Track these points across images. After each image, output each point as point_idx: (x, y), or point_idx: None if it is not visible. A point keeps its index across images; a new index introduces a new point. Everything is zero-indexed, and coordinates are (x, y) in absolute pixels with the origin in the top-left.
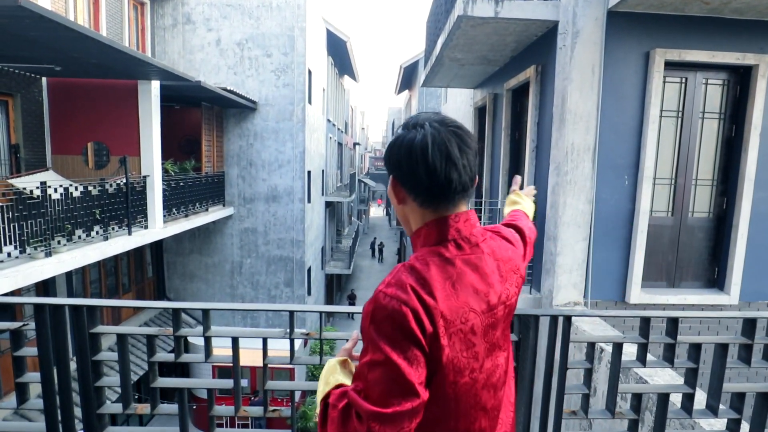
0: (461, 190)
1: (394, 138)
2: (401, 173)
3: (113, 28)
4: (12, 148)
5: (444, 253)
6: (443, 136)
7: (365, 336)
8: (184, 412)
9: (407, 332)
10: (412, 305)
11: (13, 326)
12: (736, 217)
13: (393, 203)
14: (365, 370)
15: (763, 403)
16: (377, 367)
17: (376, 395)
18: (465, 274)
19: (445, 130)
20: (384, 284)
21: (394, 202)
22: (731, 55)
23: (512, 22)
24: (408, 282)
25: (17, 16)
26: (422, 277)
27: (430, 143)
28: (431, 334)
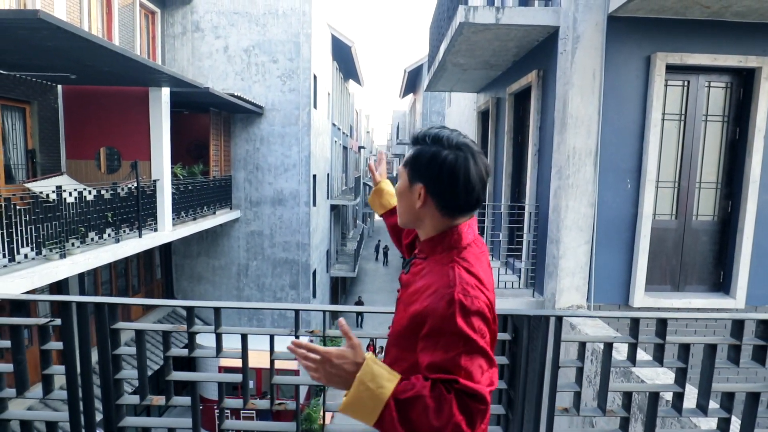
0: (479, 205)
1: (432, 152)
2: (437, 186)
3: (125, 36)
4: (29, 153)
5: (473, 252)
6: (480, 162)
7: (450, 331)
8: (196, 403)
9: (488, 323)
10: (485, 302)
11: (40, 322)
12: (742, 220)
13: (409, 202)
14: (462, 360)
15: (753, 402)
16: (475, 355)
17: (479, 378)
18: (486, 267)
19: (479, 156)
20: (458, 288)
21: (413, 202)
22: (733, 58)
23: (513, 28)
24: (473, 283)
25: (36, 28)
26: (479, 278)
27: (473, 168)
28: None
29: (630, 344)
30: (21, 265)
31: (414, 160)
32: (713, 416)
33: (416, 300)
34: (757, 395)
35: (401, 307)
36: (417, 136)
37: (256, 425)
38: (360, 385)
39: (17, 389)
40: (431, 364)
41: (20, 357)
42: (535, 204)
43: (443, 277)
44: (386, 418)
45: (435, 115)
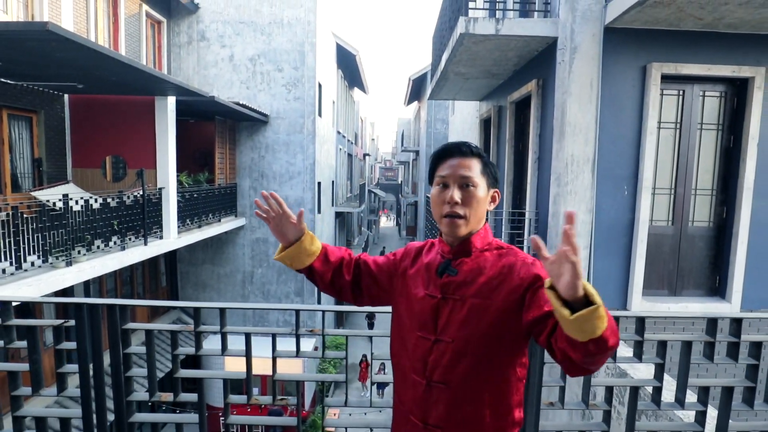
0: None
1: (493, 164)
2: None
3: (132, 46)
4: (35, 161)
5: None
6: None
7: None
8: (202, 400)
9: None
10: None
11: (55, 323)
12: (736, 225)
13: (485, 207)
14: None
15: (728, 396)
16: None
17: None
18: None
19: None
20: (530, 258)
21: (486, 206)
22: (727, 68)
23: (513, 39)
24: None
25: (45, 39)
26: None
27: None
28: None
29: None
30: (28, 273)
31: (492, 171)
32: (690, 409)
33: (499, 285)
34: (731, 389)
35: (477, 302)
36: (478, 150)
37: (259, 419)
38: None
39: (33, 387)
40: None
41: (36, 357)
42: (535, 210)
43: (513, 257)
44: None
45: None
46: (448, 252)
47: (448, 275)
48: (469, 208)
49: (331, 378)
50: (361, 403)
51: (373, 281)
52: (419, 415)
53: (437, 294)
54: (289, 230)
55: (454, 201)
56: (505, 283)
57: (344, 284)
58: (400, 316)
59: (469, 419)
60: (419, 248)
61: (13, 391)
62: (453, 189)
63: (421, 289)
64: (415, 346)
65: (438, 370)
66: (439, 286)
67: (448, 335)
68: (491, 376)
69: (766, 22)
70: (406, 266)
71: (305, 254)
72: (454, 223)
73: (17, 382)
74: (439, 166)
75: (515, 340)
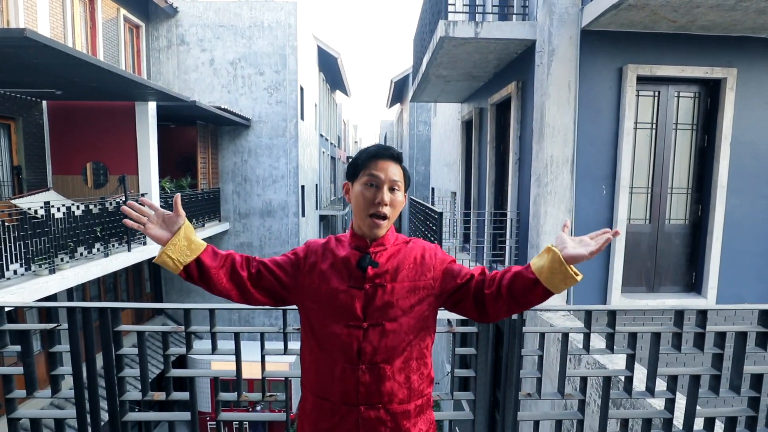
0: None
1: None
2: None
3: (110, 51)
4: (14, 169)
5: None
6: None
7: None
8: (194, 398)
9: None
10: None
11: (48, 327)
12: (711, 223)
13: (402, 206)
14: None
15: (695, 384)
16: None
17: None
18: None
19: None
20: (430, 244)
21: (402, 207)
22: (700, 69)
23: (492, 42)
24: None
25: (23, 46)
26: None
27: None
28: None
29: (585, 334)
30: (10, 281)
31: (406, 174)
32: (660, 397)
33: (421, 267)
34: (697, 377)
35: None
36: (400, 156)
37: (249, 416)
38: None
39: (27, 390)
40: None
41: (29, 360)
42: (516, 211)
43: (422, 244)
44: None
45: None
46: (364, 246)
47: (371, 267)
48: (393, 210)
49: None
50: None
51: (275, 279)
52: (358, 399)
53: (362, 285)
54: (171, 223)
55: (384, 202)
56: (424, 266)
57: (242, 281)
58: (315, 312)
59: (405, 386)
60: (324, 245)
61: (8, 394)
62: (383, 191)
63: (340, 282)
64: (347, 336)
65: (380, 351)
66: (362, 277)
67: (383, 318)
68: (419, 345)
69: (737, 24)
70: (313, 262)
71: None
72: (376, 224)
73: (11, 385)
74: (369, 165)
75: (432, 312)
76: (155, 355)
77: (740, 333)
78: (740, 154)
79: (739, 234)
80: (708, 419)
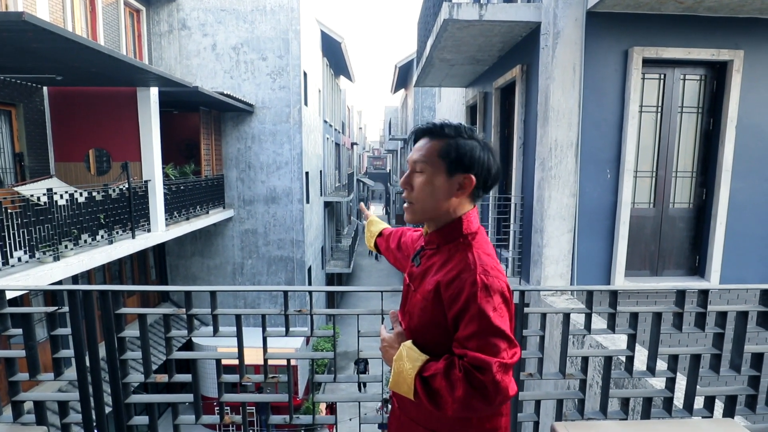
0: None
1: (475, 146)
2: (484, 174)
3: (110, 35)
4: (17, 156)
5: (483, 237)
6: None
7: (472, 310)
8: (197, 380)
9: (507, 303)
10: (505, 282)
11: (49, 310)
12: (715, 206)
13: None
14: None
15: (695, 363)
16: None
17: (492, 354)
18: (493, 248)
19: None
20: (479, 269)
21: (450, 192)
22: (707, 52)
23: (496, 24)
24: (492, 264)
25: (21, 30)
26: (493, 258)
27: (494, 158)
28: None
29: (586, 315)
30: (15, 269)
31: (457, 152)
32: (661, 377)
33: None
34: (698, 357)
35: (421, 300)
36: (442, 129)
37: (253, 397)
38: (396, 366)
39: (30, 373)
40: (456, 338)
41: (31, 343)
42: (520, 195)
43: (463, 260)
44: (419, 393)
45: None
46: (424, 240)
47: (413, 264)
48: (417, 194)
49: (321, 356)
50: (350, 378)
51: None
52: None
53: (407, 280)
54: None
55: (403, 186)
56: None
57: (393, 250)
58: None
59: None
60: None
61: (11, 377)
62: (406, 174)
63: (407, 273)
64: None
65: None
66: (409, 273)
67: (406, 321)
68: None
69: (745, 6)
70: (420, 243)
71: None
72: (406, 210)
73: (14, 368)
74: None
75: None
76: (159, 341)
77: (741, 313)
78: (746, 138)
79: (743, 217)
80: (708, 398)
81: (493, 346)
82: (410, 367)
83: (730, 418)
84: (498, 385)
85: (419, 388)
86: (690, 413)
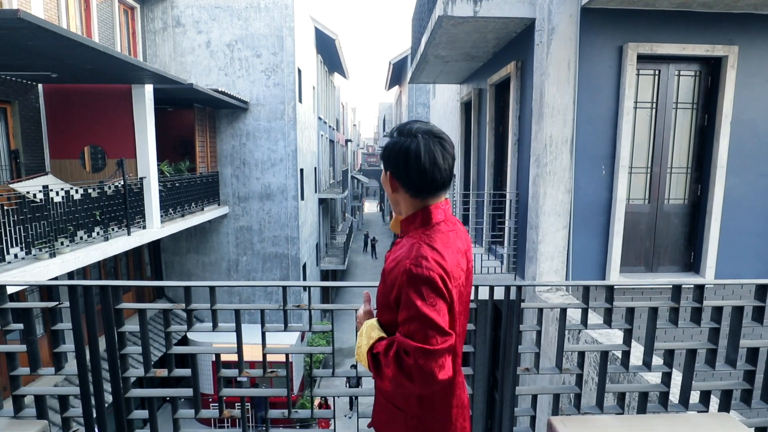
0: (442, 186)
1: (392, 142)
2: (398, 172)
3: (105, 33)
4: (12, 153)
5: (441, 229)
6: (431, 146)
7: (404, 298)
8: (196, 374)
9: (439, 292)
10: (438, 272)
11: (50, 305)
12: (710, 203)
13: (387, 191)
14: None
15: (691, 358)
16: (418, 320)
17: (420, 339)
18: (453, 242)
19: (432, 140)
20: (411, 259)
21: (388, 190)
22: (701, 47)
23: (491, 21)
24: (429, 255)
25: (16, 27)
26: (438, 251)
27: (423, 152)
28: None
29: (582, 309)
30: (11, 265)
31: (383, 151)
32: (657, 371)
33: (389, 283)
34: (694, 351)
35: (383, 279)
36: (391, 131)
37: (252, 392)
38: (358, 340)
39: (30, 367)
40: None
41: (32, 338)
42: (515, 192)
43: (407, 250)
44: (370, 366)
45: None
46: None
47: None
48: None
49: (319, 350)
50: (347, 373)
51: None
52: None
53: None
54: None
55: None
56: (388, 279)
57: None
58: None
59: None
60: None
61: (12, 372)
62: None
63: None
64: None
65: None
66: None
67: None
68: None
69: (739, 1)
70: None
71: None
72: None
73: (15, 363)
74: None
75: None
76: (155, 338)
77: (737, 307)
78: (740, 133)
79: (738, 213)
80: (703, 392)
81: (421, 332)
82: (366, 343)
83: (725, 412)
84: (422, 369)
85: (370, 362)
86: (685, 408)
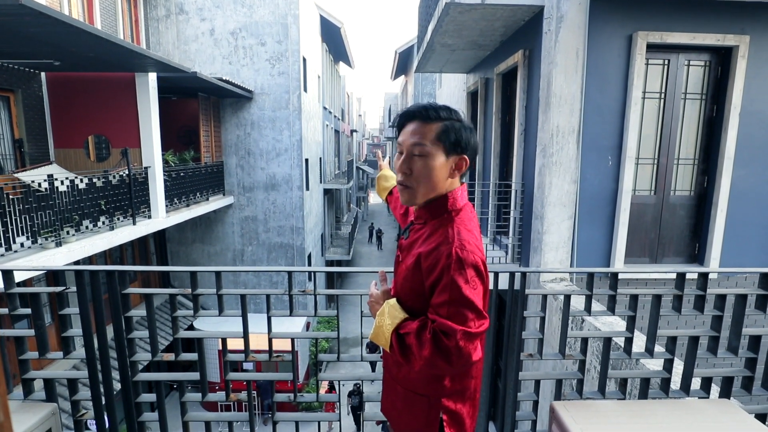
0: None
1: (467, 127)
2: (473, 155)
3: (107, 20)
4: (16, 142)
5: (467, 214)
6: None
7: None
8: (203, 358)
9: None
10: (481, 257)
11: (58, 289)
12: (717, 194)
13: (442, 174)
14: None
15: (693, 345)
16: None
17: (460, 322)
18: (477, 225)
19: None
20: (456, 243)
21: (445, 173)
22: (712, 37)
23: (499, 8)
24: (469, 239)
25: (18, 14)
26: (475, 236)
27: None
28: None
29: (586, 296)
30: (18, 254)
31: (455, 135)
32: (659, 358)
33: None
34: (696, 338)
35: (403, 268)
36: (437, 112)
37: (258, 376)
38: (378, 320)
39: (39, 352)
40: (431, 305)
41: (40, 322)
42: (521, 182)
43: (443, 234)
44: (394, 347)
45: (427, 96)
46: (414, 215)
47: (402, 237)
48: (416, 178)
49: (324, 335)
50: (352, 358)
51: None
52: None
53: (397, 251)
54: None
55: (401, 170)
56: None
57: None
58: None
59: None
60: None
61: (21, 356)
62: (402, 158)
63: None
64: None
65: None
66: (399, 245)
67: (394, 289)
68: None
69: None
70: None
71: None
72: (402, 193)
73: (24, 347)
74: (400, 129)
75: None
76: (161, 325)
77: (740, 295)
78: (749, 125)
79: (744, 205)
80: (705, 379)
81: (461, 315)
82: (390, 323)
83: (726, 398)
84: (461, 351)
85: (394, 343)
86: (686, 394)
